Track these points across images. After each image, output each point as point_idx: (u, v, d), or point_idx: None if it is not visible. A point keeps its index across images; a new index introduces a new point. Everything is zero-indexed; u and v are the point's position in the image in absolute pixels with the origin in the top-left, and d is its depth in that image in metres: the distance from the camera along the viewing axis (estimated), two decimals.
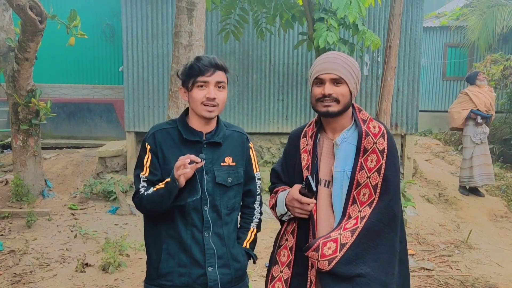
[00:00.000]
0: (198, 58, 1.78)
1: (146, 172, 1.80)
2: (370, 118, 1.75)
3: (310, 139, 1.79)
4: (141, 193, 1.78)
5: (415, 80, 6.80)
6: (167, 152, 1.80)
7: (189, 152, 1.74)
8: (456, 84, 11.00)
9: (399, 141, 7.03)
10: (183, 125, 1.84)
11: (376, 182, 1.65)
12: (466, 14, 10.64)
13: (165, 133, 1.83)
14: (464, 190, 6.59)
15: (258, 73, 6.79)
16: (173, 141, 1.82)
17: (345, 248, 1.60)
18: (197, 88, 1.77)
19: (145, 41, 6.73)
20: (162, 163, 1.80)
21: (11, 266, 4.00)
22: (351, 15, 4.58)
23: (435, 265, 4.32)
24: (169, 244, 1.79)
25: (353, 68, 1.69)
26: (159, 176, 1.79)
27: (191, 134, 1.82)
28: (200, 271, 1.78)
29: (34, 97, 5.38)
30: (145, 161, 1.81)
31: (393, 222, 1.67)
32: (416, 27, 6.67)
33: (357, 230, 1.62)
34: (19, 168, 5.58)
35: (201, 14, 4.14)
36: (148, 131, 1.86)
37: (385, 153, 1.67)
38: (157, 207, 1.75)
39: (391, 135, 1.74)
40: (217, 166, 1.83)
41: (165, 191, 1.69)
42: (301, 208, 1.70)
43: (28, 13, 4.14)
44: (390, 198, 1.67)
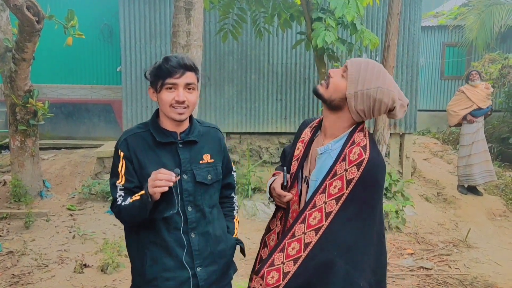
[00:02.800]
0: (167, 59, 1.71)
1: (122, 180, 1.74)
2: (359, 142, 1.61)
3: (310, 132, 1.80)
4: (119, 204, 1.72)
5: (413, 80, 6.80)
6: (142, 157, 1.74)
7: (165, 154, 1.75)
8: (454, 84, 11.00)
9: (398, 140, 7.03)
10: (155, 127, 1.79)
11: (331, 210, 1.56)
12: (464, 13, 10.65)
13: (138, 138, 1.77)
14: (463, 189, 6.60)
15: (256, 73, 6.78)
16: (147, 145, 1.76)
17: (288, 277, 1.57)
18: (166, 90, 1.71)
19: (143, 41, 6.72)
20: (138, 169, 1.74)
21: (9, 267, 3.98)
22: (349, 15, 4.58)
23: (434, 264, 4.32)
24: (152, 249, 1.75)
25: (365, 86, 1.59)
26: (136, 183, 1.74)
27: (164, 136, 1.77)
28: (186, 274, 1.76)
29: (32, 97, 5.36)
30: (120, 169, 1.75)
31: (347, 254, 1.55)
32: (414, 27, 6.68)
33: (300, 259, 1.57)
34: (17, 169, 5.56)
35: (199, 14, 4.13)
36: (120, 137, 1.80)
37: (352, 184, 1.55)
38: (135, 219, 1.72)
39: (372, 165, 1.56)
40: (195, 164, 1.80)
41: (140, 204, 1.65)
42: (278, 198, 1.76)
43: (25, 13, 4.12)
44: (343, 228, 1.55)
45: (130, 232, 1.82)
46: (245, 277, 4.00)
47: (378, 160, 1.60)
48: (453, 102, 6.59)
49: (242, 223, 5.40)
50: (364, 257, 1.58)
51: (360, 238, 1.57)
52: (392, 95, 1.58)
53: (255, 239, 4.89)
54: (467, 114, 6.37)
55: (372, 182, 1.58)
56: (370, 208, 1.60)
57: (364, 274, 1.56)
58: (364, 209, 1.58)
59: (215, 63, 6.74)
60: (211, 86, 6.75)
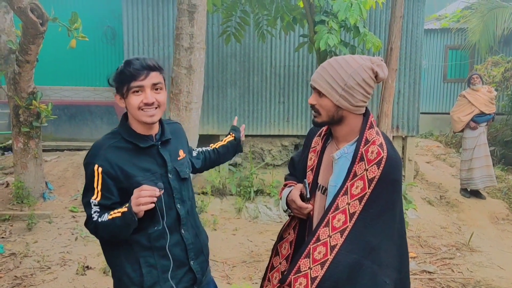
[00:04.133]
0: (128, 62, 1.66)
1: (98, 196, 1.66)
2: (374, 140, 1.61)
3: (321, 140, 1.79)
4: (95, 220, 1.65)
5: (416, 82, 6.79)
6: (127, 167, 1.67)
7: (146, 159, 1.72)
8: (457, 86, 10.99)
9: (400, 143, 7.02)
10: (131, 134, 1.72)
11: (355, 211, 1.57)
12: (467, 16, 10.63)
13: (115, 149, 1.69)
14: (466, 193, 6.59)
15: (259, 76, 6.78)
16: (128, 154, 1.70)
17: (316, 282, 1.56)
18: (132, 94, 1.66)
19: (146, 43, 6.73)
20: (126, 180, 1.66)
21: (11, 269, 3.99)
22: (352, 18, 4.58)
23: (437, 268, 4.31)
24: (146, 256, 1.72)
25: (340, 82, 1.57)
26: (115, 199, 1.67)
27: (144, 141, 1.73)
28: (183, 271, 1.79)
29: (35, 99, 5.37)
30: (95, 185, 1.65)
31: (372, 254, 1.56)
32: (417, 29, 6.67)
33: (327, 262, 1.57)
34: (20, 171, 5.57)
35: (202, 16, 4.14)
36: (92, 151, 1.70)
37: (374, 183, 1.56)
38: (115, 237, 1.67)
39: (391, 163, 1.59)
40: (175, 162, 1.82)
41: (122, 223, 1.60)
42: (298, 210, 1.73)
43: (29, 15, 4.14)
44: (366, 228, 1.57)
45: (114, 244, 1.74)
46: (247, 279, 4.00)
47: (396, 157, 1.62)
48: (456, 108, 6.59)
49: (244, 226, 5.40)
50: (389, 256, 1.59)
51: (384, 238, 1.59)
52: (364, 67, 1.58)
53: (257, 242, 4.89)
54: (470, 121, 6.38)
55: (392, 180, 1.60)
56: (391, 206, 1.61)
57: (389, 272, 1.58)
58: (386, 208, 1.60)
59: (218, 66, 6.75)
60: (214, 88, 6.75)
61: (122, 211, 1.61)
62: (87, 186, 1.69)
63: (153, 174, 1.73)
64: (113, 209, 1.66)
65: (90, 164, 1.68)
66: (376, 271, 1.56)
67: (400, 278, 1.63)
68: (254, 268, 4.23)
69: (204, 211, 5.57)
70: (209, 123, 6.80)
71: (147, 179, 1.70)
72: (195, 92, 4.21)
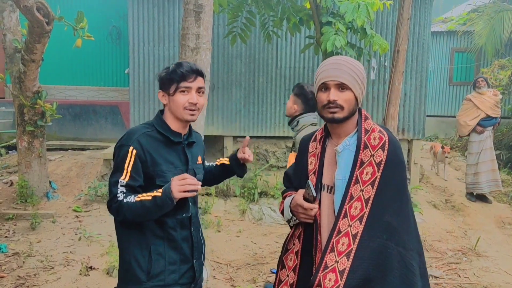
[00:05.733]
0: (180, 64, 1.83)
1: (127, 177, 1.77)
2: (373, 128, 1.69)
3: (319, 143, 1.80)
4: (120, 199, 1.75)
5: (422, 85, 6.75)
6: (156, 155, 1.82)
7: (172, 153, 1.87)
8: (463, 89, 10.92)
9: (406, 146, 6.97)
10: (165, 127, 1.88)
11: (369, 196, 1.60)
12: (473, 19, 10.57)
13: (149, 137, 1.84)
14: (471, 196, 6.53)
15: (264, 77, 6.76)
16: (158, 144, 1.85)
17: (345, 274, 1.55)
18: (180, 93, 1.83)
19: (151, 43, 6.72)
20: (152, 166, 1.80)
21: (15, 269, 3.97)
22: (359, 19, 4.54)
23: (443, 272, 4.26)
24: (157, 244, 1.82)
25: (358, 73, 1.67)
26: (141, 182, 1.80)
27: (174, 136, 1.88)
28: (187, 267, 1.89)
29: (40, 98, 5.37)
30: (127, 165, 1.78)
31: (395, 236, 1.58)
32: (424, 32, 6.63)
33: (352, 252, 1.57)
34: (24, 170, 5.57)
35: (209, 17, 4.11)
36: (127, 135, 1.84)
37: (382, 165, 1.62)
38: (139, 218, 1.77)
39: (394, 145, 1.66)
40: (195, 164, 1.96)
41: (153, 206, 1.70)
42: (304, 213, 1.72)
43: (35, 14, 4.13)
44: (384, 210, 1.59)
45: (128, 229, 1.84)
46: (250, 282, 3.97)
47: (396, 140, 1.71)
48: (462, 112, 6.55)
49: (248, 227, 5.36)
50: (410, 238, 1.62)
51: (402, 219, 1.62)
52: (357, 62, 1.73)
53: (261, 244, 4.85)
54: (476, 125, 6.34)
55: (397, 161, 1.65)
56: (402, 187, 1.66)
57: (414, 255, 1.61)
58: (398, 189, 1.64)
59: (223, 66, 6.73)
60: (219, 89, 6.73)
61: (153, 195, 1.72)
62: (118, 166, 1.80)
63: (176, 168, 1.87)
64: (138, 192, 1.77)
65: (124, 146, 1.81)
66: (402, 253, 1.58)
67: (421, 261, 1.65)
68: (258, 270, 4.20)
69: (208, 213, 5.55)
70: (214, 124, 6.78)
71: (169, 170, 1.84)
72: None
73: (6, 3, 5.48)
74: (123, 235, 1.88)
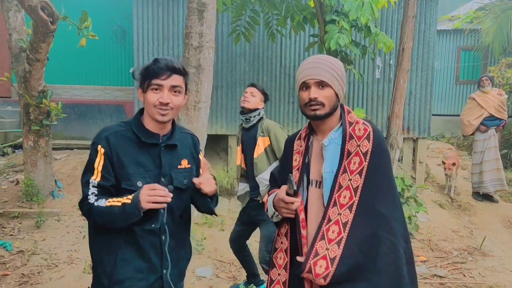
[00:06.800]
0: (156, 60, 1.73)
1: (98, 176, 1.70)
2: (357, 121, 1.74)
3: (303, 141, 1.84)
4: (91, 202, 1.67)
5: (428, 84, 6.70)
6: (123, 156, 1.72)
7: (145, 155, 1.74)
8: (469, 88, 10.82)
9: (411, 145, 6.93)
10: (139, 127, 1.78)
11: (357, 184, 1.63)
12: (480, 17, 10.47)
13: (120, 136, 1.75)
14: (477, 196, 6.48)
15: (268, 75, 6.74)
16: (129, 145, 1.74)
17: (336, 262, 1.57)
18: (151, 91, 1.73)
19: (156, 42, 6.73)
20: (118, 168, 1.71)
21: (19, 267, 4.00)
22: (363, 17, 4.52)
23: (448, 272, 4.22)
24: (124, 250, 1.73)
25: (337, 70, 1.71)
26: (113, 182, 1.71)
27: (148, 136, 1.77)
28: (155, 277, 1.78)
29: (46, 98, 5.39)
30: (97, 165, 1.70)
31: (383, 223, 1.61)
32: (430, 30, 6.58)
33: (343, 240, 1.59)
34: (30, 169, 5.60)
35: (212, 15, 4.11)
36: (99, 133, 1.77)
37: (369, 155, 1.66)
38: (109, 224, 1.69)
39: (378, 135, 1.71)
40: (174, 169, 1.81)
41: (121, 213, 1.62)
42: (286, 207, 1.72)
43: (39, 14, 4.14)
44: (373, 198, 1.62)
45: (99, 232, 1.77)
46: None
47: (379, 130, 1.76)
48: (466, 111, 6.51)
49: None
50: (398, 225, 1.64)
51: (390, 206, 1.64)
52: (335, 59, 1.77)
53: None
54: (480, 125, 6.29)
55: (383, 150, 1.70)
56: (388, 175, 1.70)
57: (401, 242, 1.62)
58: (385, 177, 1.68)
59: (227, 65, 6.72)
60: (223, 88, 6.73)
61: (123, 202, 1.63)
62: (88, 166, 1.73)
63: (147, 172, 1.75)
64: (110, 192, 1.70)
65: (94, 144, 1.74)
66: (394, 243, 1.59)
67: (408, 248, 1.66)
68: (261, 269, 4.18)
69: None
70: (218, 123, 6.77)
71: (138, 174, 1.72)
72: (204, 91, 4.18)
73: (11, 3, 5.50)
74: (93, 238, 1.80)
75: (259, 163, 3.40)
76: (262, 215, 3.46)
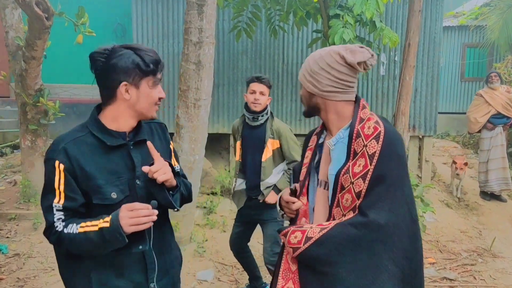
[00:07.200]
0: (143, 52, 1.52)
1: (61, 198, 1.44)
2: (369, 117, 1.57)
3: (316, 137, 1.75)
4: (59, 230, 1.43)
5: (434, 80, 6.54)
6: (89, 167, 1.46)
7: (115, 159, 1.51)
8: (475, 85, 10.66)
9: (417, 143, 6.78)
10: (101, 129, 1.53)
11: (360, 189, 1.48)
12: (485, 13, 10.30)
13: (79, 144, 1.49)
14: (485, 195, 6.33)
15: (270, 73, 6.60)
16: (93, 151, 1.49)
17: (309, 242, 1.50)
18: (149, 87, 1.53)
19: (156, 40, 6.60)
20: (84, 181, 1.46)
21: (14, 270, 3.88)
22: (368, 11, 4.38)
23: (458, 274, 4.09)
24: (99, 271, 1.51)
25: (307, 66, 1.63)
26: (81, 200, 1.46)
27: (113, 138, 1.53)
28: None
29: (43, 96, 5.27)
30: (57, 185, 1.44)
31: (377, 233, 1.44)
32: (436, 25, 6.42)
33: (326, 229, 1.50)
34: (27, 169, 5.48)
35: (212, 10, 3.98)
36: (53, 145, 1.49)
37: (375, 158, 1.48)
38: (86, 253, 1.46)
39: (390, 137, 1.51)
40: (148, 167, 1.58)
41: (100, 240, 1.39)
42: (287, 207, 1.69)
43: (34, 9, 4.02)
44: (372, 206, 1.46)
45: (67, 256, 1.53)
46: None
47: (394, 132, 1.55)
48: (473, 108, 6.36)
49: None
50: (395, 239, 1.47)
51: (392, 216, 1.46)
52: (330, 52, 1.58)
53: None
54: (487, 123, 6.15)
55: (394, 156, 1.50)
56: (398, 183, 1.50)
57: (395, 257, 1.46)
58: (392, 185, 1.48)
59: (228, 63, 6.59)
60: (224, 86, 6.59)
61: (100, 226, 1.40)
62: (47, 188, 1.47)
63: (119, 178, 1.52)
64: (79, 213, 1.46)
65: (49, 160, 1.47)
66: (379, 252, 1.45)
67: (411, 268, 1.49)
68: (265, 272, 4.05)
69: (213, 212, 5.42)
70: (219, 122, 6.64)
71: (110, 183, 1.49)
72: (204, 88, 4.05)
73: (8, 0, 5.39)
74: (62, 262, 1.57)
75: (267, 167, 3.24)
76: (263, 215, 3.33)
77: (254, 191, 3.31)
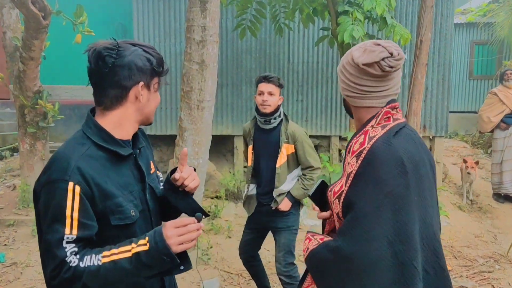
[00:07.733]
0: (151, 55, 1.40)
1: (74, 228, 1.18)
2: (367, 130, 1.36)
3: None
4: (74, 265, 1.16)
5: (445, 79, 6.34)
6: (106, 184, 1.26)
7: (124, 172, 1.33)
8: (483, 84, 10.45)
9: (428, 144, 6.57)
10: (107, 138, 1.31)
11: (337, 211, 1.37)
12: (494, 9, 10.09)
13: (88, 159, 1.26)
14: (499, 197, 6.12)
15: (276, 72, 6.41)
16: (103, 165, 1.28)
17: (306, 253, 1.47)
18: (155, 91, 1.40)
19: (157, 39, 6.42)
20: (102, 202, 1.25)
21: (11, 281, 3.72)
22: (379, 7, 4.19)
23: (476, 283, 3.89)
24: None
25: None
26: (96, 227, 1.24)
27: (122, 147, 1.34)
28: None
29: (41, 98, 5.11)
30: (70, 212, 1.18)
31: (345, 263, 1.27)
32: (447, 22, 6.22)
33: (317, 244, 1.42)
34: (26, 173, 5.33)
35: (215, 7, 3.80)
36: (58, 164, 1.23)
37: (350, 179, 1.31)
38: (112, 285, 1.21)
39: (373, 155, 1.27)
40: (149, 176, 1.45)
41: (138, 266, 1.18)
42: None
43: (30, 8, 3.86)
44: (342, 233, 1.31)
45: None
46: None
47: (382, 150, 1.26)
48: (485, 107, 6.15)
49: None
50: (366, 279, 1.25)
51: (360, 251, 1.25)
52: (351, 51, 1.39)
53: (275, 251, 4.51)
54: (500, 122, 5.94)
55: (371, 179, 1.25)
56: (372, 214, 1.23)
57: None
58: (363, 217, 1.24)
59: (232, 62, 6.41)
60: (228, 86, 6.41)
61: (135, 251, 1.19)
62: (55, 217, 1.19)
63: (131, 192, 1.34)
64: (93, 242, 1.24)
65: (58, 183, 1.20)
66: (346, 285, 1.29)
67: None
68: (272, 281, 3.87)
69: (217, 217, 5.24)
70: (223, 123, 6.46)
71: (126, 200, 1.31)
72: (208, 89, 3.87)
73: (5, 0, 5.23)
74: None
75: (282, 173, 3.04)
76: (277, 222, 3.16)
77: (265, 196, 3.13)
